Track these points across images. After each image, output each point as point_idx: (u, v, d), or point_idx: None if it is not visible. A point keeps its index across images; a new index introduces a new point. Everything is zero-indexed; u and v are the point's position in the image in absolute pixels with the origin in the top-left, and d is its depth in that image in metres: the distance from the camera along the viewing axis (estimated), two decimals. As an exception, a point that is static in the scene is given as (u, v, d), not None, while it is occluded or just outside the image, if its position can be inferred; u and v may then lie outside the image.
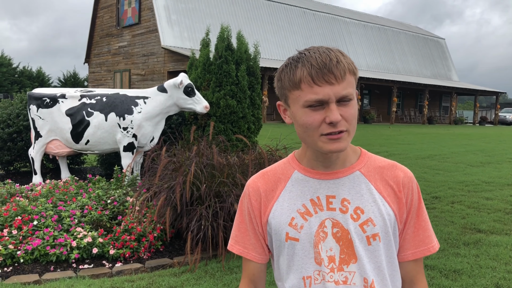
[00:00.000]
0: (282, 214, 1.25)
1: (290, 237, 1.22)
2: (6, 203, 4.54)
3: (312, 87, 1.11)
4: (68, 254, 3.86)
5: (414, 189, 1.26)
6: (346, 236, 1.19)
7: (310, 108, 1.13)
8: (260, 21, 27.03)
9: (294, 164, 1.30)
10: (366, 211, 1.20)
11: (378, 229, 1.19)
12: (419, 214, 1.27)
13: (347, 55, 1.16)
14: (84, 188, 5.19)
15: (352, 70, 1.15)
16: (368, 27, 33.63)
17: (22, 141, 6.65)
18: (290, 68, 1.15)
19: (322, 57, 1.11)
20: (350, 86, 1.13)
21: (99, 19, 28.35)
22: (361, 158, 1.27)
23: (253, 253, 1.32)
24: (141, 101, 5.77)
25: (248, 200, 1.31)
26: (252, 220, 1.31)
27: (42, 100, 5.85)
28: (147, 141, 5.82)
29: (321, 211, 1.22)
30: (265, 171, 1.34)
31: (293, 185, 1.27)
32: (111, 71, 27.25)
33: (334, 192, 1.22)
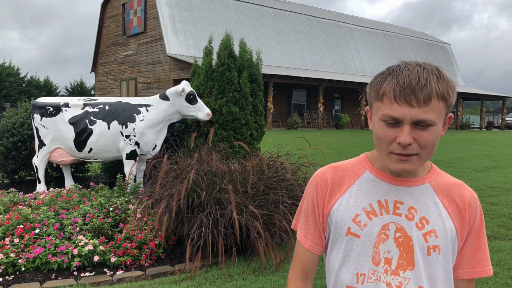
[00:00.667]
0: (347, 209, 1.26)
1: (352, 232, 1.24)
2: (9, 211, 4.57)
3: (392, 104, 1.12)
4: (69, 262, 3.87)
5: (478, 211, 1.28)
6: (407, 243, 1.21)
7: (386, 123, 1.14)
8: (265, 29, 27.13)
9: (366, 164, 1.31)
10: (431, 222, 1.22)
11: (439, 241, 1.21)
12: (479, 235, 1.29)
13: (445, 78, 1.13)
14: (86, 196, 5.22)
15: (442, 96, 1.12)
16: (373, 33, 33.64)
17: (26, 150, 6.70)
18: (381, 79, 1.16)
19: (411, 76, 1.11)
20: (434, 112, 1.11)
21: (105, 29, 28.60)
22: (431, 172, 1.29)
23: (311, 243, 1.34)
24: (143, 109, 5.80)
25: (315, 189, 1.33)
26: (314, 210, 1.33)
27: (45, 109, 5.90)
28: (149, 149, 5.84)
29: (387, 214, 1.23)
30: (336, 165, 1.35)
31: (363, 184, 1.28)
32: (118, 80, 27.43)
33: (402, 198, 1.24)
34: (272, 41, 27.12)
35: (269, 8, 27.96)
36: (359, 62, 31.62)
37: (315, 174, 1.37)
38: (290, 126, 24.79)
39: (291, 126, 24.72)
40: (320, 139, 17.60)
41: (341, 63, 30.44)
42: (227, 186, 4.21)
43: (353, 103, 30.94)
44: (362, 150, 13.21)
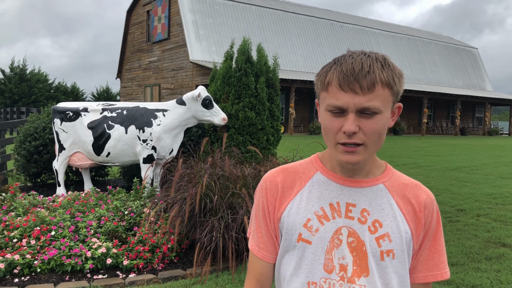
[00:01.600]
0: (298, 213, 1.20)
1: (303, 239, 1.18)
2: (27, 214, 4.67)
3: (336, 93, 1.09)
4: (83, 264, 3.93)
5: (434, 212, 1.23)
6: (361, 248, 1.16)
7: (331, 113, 1.11)
8: (288, 34, 27.15)
9: (317, 165, 1.26)
10: (384, 225, 1.17)
11: (393, 245, 1.16)
12: (436, 237, 1.23)
13: (391, 65, 1.11)
14: (103, 199, 5.29)
15: (387, 83, 1.08)
16: (397, 37, 33.26)
17: (48, 154, 6.85)
18: (326, 69, 1.13)
19: (355, 64, 1.08)
20: (379, 99, 1.08)
21: (130, 35, 29.11)
22: (385, 172, 1.24)
23: (264, 252, 1.27)
24: (160, 113, 5.86)
25: (265, 193, 1.27)
26: (265, 216, 1.27)
27: (65, 114, 6.02)
28: (166, 153, 5.89)
29: (339, 217, 1.18)
30: (285, 167, 1.30)
31: (314, 186, 1.23)
32: (142, 86, 27.85)
33: (355, 200, 1.19)
34: (295, 47, 27.10)
35: (292, 14, 27.97)
36: (383, 67, 31.26)
37: (264, 177, 1.30)
38: (312, 131, 24.66)
39: (313, 132, 24.59)
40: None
41: (365, 68, 30.15)
42: (239, 190, 4.20)
43: (377, 108, 30.54)
44: (384, 156, 13.04)
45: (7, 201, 5.04)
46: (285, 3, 30.30)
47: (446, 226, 5.62)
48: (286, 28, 27.23)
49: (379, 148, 1.13)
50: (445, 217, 6.05)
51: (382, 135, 1.11)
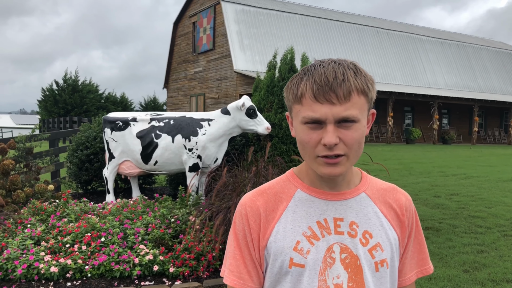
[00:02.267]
0: (286, 237, 1.13)
1: (295, 263, 1.11)
2: (79, 220, 4.84)
3: (311, 104, 1.04)
4: (130, 271, 4.03)
5: (414, 212, 1.24)
6: (355, 262, 1.11)
7: (308, 125, 1.06)
8: (332, 42, 26.98)
9: (296, 182, 1.20)
10: (374, 235, 1.14)
11: (386, 254, 1.14)
12: (416, 236, 1.24)
13: (362, 72, 1.08)
14: (150, 207, 5.41)
15: (362, 90, 1.06)
16: (446, 44, 32.32)
17: (98, 162, 7.09)
18: (297, 80, 1.10)
19: (328, 73, 1.04)
20: (356, 108, 1.05)
21: (177, 47, 29.82)
22: (363, 180, 1.21)
23: (250, 283, 1.17)
24: (205, 123, 5.95)
25: (246, 221, 1.17)
26: (248, 245, 1.17)
27: (115, 124, 6.22)
28: (211, 162, 5.97)
29: (329, 234, 1.12)
30: (263, 188, 1.21)
31: (297, 205, 1.16)
32: (188, 96, 28.41)
33: (342, 214, 1.14)
34: (339, 54, 26.87)
35: (336, 22, 27.80)
36: (431, 74, 30.46)
37: (241, 203, 1.20)
38: (357, 140, 24.29)
39: (359, 141, 24.22)
40: (388, 154, 17.08)
41: (412, 76, 29.49)
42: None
43: (425, 116, 29.75)
44: (433, 166, 12.65)
45: (60, 208, 5.25)
46: (329, 11, 30.16)
47: (500, 241, 5.37)
48: (330, 36, 27.08)
49: (358, 158, 1.10)
50: (499, 231, 5.79)
51: (361, 143, 1.08)
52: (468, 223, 6.19)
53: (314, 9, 29.45)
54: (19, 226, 4.78)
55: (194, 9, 27.19)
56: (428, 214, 6.68)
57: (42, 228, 4.58)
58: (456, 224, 6.13)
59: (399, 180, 10.03)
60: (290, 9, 26.80)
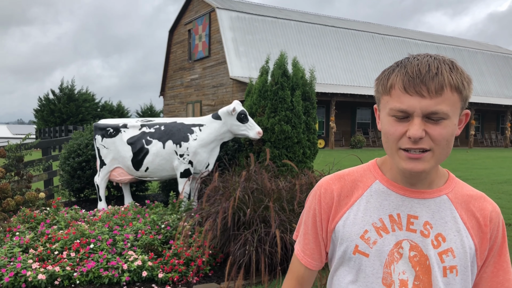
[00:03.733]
0: (355, 224, 1.14)
1: (359, 251, 1.13)
2: (69, 227, 4.81)
3: (400, 96, 1.02)
4: (119, 277, 3.99)
5: (500, 226, 1.16)
6: (424, 262, 1.09)
7: (395, 117, 1.04)
8: (327, 48, 27.06)
9: (376, 173, 1.19)
10: (448, 239, 1.10)
11: (457, 261, 1.10)
12: (501, 253, 1.16)
13: (459, 69, 1.04)
14: (141, 213, 5.38)
15: (456, 87, 1.02)
16: (441, 48, 32.46)
17: (90, 170, 7.06)
18: (388, 72, 1.08)
19: (421, 66, 1.02)
20: (447, 104, 1.01)
21: (172, 54, 29.88)
22: (448, 182, 1.17)
23: (309, 259, 1.24)
24: (196, 128, 5.94)
25: (318, 201, 1.21)
26: (316, 224, 1.22)
27: (106, 130, 6.20)
28: (202, 167, 5.95)
29: (400, 230, 1.11)
30: (342, 174, 1.23)
31: (372, 196, 1.16)
32: (184, 103, 28.42)
33: (417, 212, 1.12)
34: (335, 60, 26.95)
35: (331, 27, 27.90)
36: (427, 79, 30.53)
37: (318, 184, 1.23)
38: (354, 145, 24.31)
39: (355, 145, 24.23)
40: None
41: (408, 80, 29.56)
42: (273, 204, 4.17)
43: (421, 121, 29.81)
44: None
45: (51, 215, 5.22)
46: (325, 17, 30.29)
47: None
48: (326, 41, 27.16)
49: (447, 157, 1.06)
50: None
51: (450, 142, 1.04)
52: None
53: (309, 15, 29.57)
54: (8, 234, 4.74)
55: (190, 17, 27.28)
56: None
57: (31, 235, 4.55)
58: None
59: (394, 184, 10.00)
60: (285, 15, 26.90)
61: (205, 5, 25.42)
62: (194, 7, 26.90)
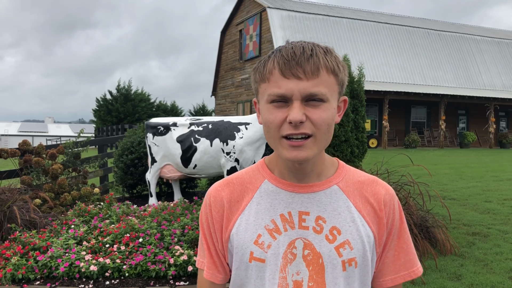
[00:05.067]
0: (247, 229, 1.08)
1: (255, 258, 1.06)
2: (120, 221, 5.00)
3: (278, 80, 0.99)
4: (166, 271, 4.10)
5: (396, 208, 1.12)
6: (317, 261, 1.04)
7: (273, 104, 1.00)
8: (381, 45, 26.45)
9: (265, 172, 1.14)
10: (343, 231, 1.06)
11: (355, 253, 1.05)
12: (400, 235, 1.12)
13: (333, 53, 1.02)
14: (189, 209, 5.50)
15: (332, 69, 0.99)
16: (503, 43, 30.87)
17: (142, 166, 7.30)
18: (264, 60, 1.05)
19: (295, 49, 0.99)
20: (325, 86, 0.98)
21: (224, 55, 30.29)
22: (338, 171, 1.13)
23: (216, 273, 1.16)
24: (243, 127, 6.00)
25: (209, 211, 1.14)
26: (212, 235, 1.15)
27: (157, 129, 6.39)
28: (248, 165, 5.99)
29: (292, 229, 1.06)
30: (231, 178, 1.17)
31: (262, 197, 1.10)
32: (235, 102, 28.75)
33: (308, 208, 1.07)
34: (388, 57, 26.31)
35: (385, 24, 27.25)
36: (487, 76, 29.15)
37: (207, 192, 1.17)
38: (408, 145, 23.65)
39: (409, 145, 23.56)
40: (439, 159, 16.49)
41: (466, 78, 28.36)
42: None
43: (480, 120, 28.53)
44: (486, 170, 12.08)
45: (104, 210, 5.45)
46: (378, 14, 29.64)
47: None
48: (379, 39, 26.56)
49: (328, 143, 1.02)
50: (553, 237, 5.44)
51: (331, 127, 1.00)
52: (520, 229, 5.86)
53: (361, 12, 29.04)
54: (64, 227, 5.00)
55: (241, 17, 27.54)
56: (476, 220, 6.38)
57: (84, 229, 4.77)
58: (506, 230, 5.82)
59: (448, 185, 9.65)
60: (337, 13, 26.57)
61: (256, 5, 25.57)
62: (245, 8, 27.13)
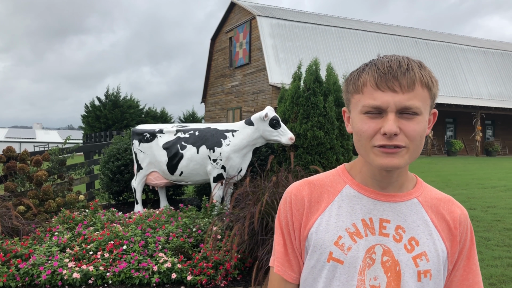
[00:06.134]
0: (328, 230, 1.11)
1: (334, 258, 1.09)
2: (104, 228, 4.98)
3: (373, 92, 1.02)
4: (149, 278, 4.09)
5: (469, 229, 1.16)
6: (395, 268, 1.07)
7: (368, 115, 1.03)
8: (369, 53, 26.69)
9: (346, 178, 1.17)
10: (421, 243, 1.09)
11: (431, 265, 1.08)
12: (470, 256, 1.16)
13: (426, 68, 1.06)
14: (174, 216, 5.50)
15: (426, 83, 1.03)
16: (489, 53, 31.33)
17: (128, 173, 7.28)
18: (358, 72, 1.08)
19: (391, 62, 1.03)
20: (419, 99, 1.02)
21: (214, 62, 30.34)
22: (417, 186, 1.16)
23: (289, 271, 1.18)
24: (229, 134, 6.02)
25: (289, 208, 1.17)
26: (290, 233, 1.17)
27: (143, 135, 6.39)
28: (235, 172, 6.01)
29: (373, 234, 1.09)
30: (311, 179, 1.20)
31: (343, 201, 1.14)
32: (225, 109, 28.76)
33: (389, 216, 1.10)
34: (376, 66, 26.51)
35: (373, 33, 27.52)
36: (474, 85, 29.54)
37: (287, 190, 1.19)
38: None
39: (397, 153, 23.73)
40: (426, 166, 16.63)
41: (453, 86, 28.70)
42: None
43: (468, 128, 28.85)
44: (472, 178, 12.21)
45: (88, 217, 5.42)
46: (366, 23, 29.94)
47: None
48: (367, 47, 26.81)
49: (418, 155, 1.06)
50: (534, 244, 5.51)
51: (423, 139, 1.04)
52: (502, 236, 5.93)
53: (350, 21, 29.31)
54: (48, 234, 4.96)
55: (231, 25, 27.64)
56: (460, 227, 6.44)
57: (68, 236, 4.74)
58: (489, 237, 5.89)
59: (434, 192, 9.72)
60: (326, 21, 26.78)
61: (246, 13, 25.70)
62: (235, 15, 27.24)
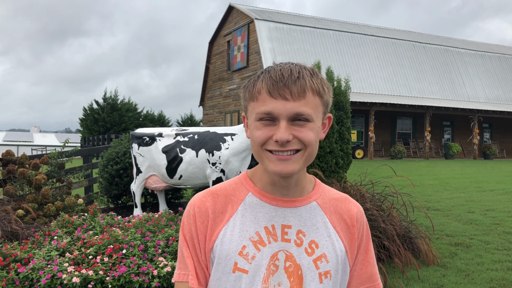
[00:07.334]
0: (232, 241, 1.10)
1: (239, 268, 1.09)
2: (103, 232, 4.97)
3: (266, 100, 1.04)
4: (149, 282, 4.08)
5: (365, 225, 1.21)
6: (297, 272, 1.09)
7: (262, 121, 1.06)
8: (367, 57, 26.77)
9: (248, 185, 1.17)
10: (320, 246, 1.12)
11: (330, 266, 1.11)
12: (367, 249, 1.20)
13: (319, 75, 1.09)
14: (174, 220, 5.49)
15: (317, 91, 1.06)
16: (486, 56, 31.44)
17: (127, 177, 7.27)
18: (254, 79, 1.11)
19: (283, 71, 1.05)
20: (310, 107, 1.04)
21: (212, 65, 30.38)
22: (316, 188, 1.19)
23: (196, 285, 1.13)
24: (228, 137, 6.02)
25: (193, 221, 1.14)
26: (195, 246, 1.14)
27: (142, 139, 6.38)
28: (234, 176, 6.01)
29: (275, 241, 1.11)
30: (214, 189, 1.19)
31: (246, 209, 1.14)
32: (222, 113, 28.78)
33: (290, 221, 1.12)
34: (374, 69, 26.61)
35: (371, 36, 27.60)
36: (471, 88, 29.63)
37: (190, 203, 1.17)
38: (394, 155, 23.85)
39: (395, 156, 23.76)
40: (425, 170, 16.66)
41: (451, 89, 28.79)
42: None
43: (465, 131, 28.93)
44: (470, 181, 12.23)
45: (87, 221, 5.41)
46: (364, 27, 30.03)
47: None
48: (365, 51, 26.88)
49: (312, 160, 1.08)
50: (534, 247, 5.52)
51: (317, 144, 1.07)
52: (502, 240, 5.94)
53: (348, 24, 29.39)
54: (47, 238, 4.95)
55: (229, 28, 27.69)
56: (459, 230, 6.46)
57: (67, 240, 4.73)
58: (488, 240, 5.90)
59: (432, 196, 9.75)
60: (324, 25, 26.86)
61: (244, 17, 25.75)
62: (233, 19, 27.29)
